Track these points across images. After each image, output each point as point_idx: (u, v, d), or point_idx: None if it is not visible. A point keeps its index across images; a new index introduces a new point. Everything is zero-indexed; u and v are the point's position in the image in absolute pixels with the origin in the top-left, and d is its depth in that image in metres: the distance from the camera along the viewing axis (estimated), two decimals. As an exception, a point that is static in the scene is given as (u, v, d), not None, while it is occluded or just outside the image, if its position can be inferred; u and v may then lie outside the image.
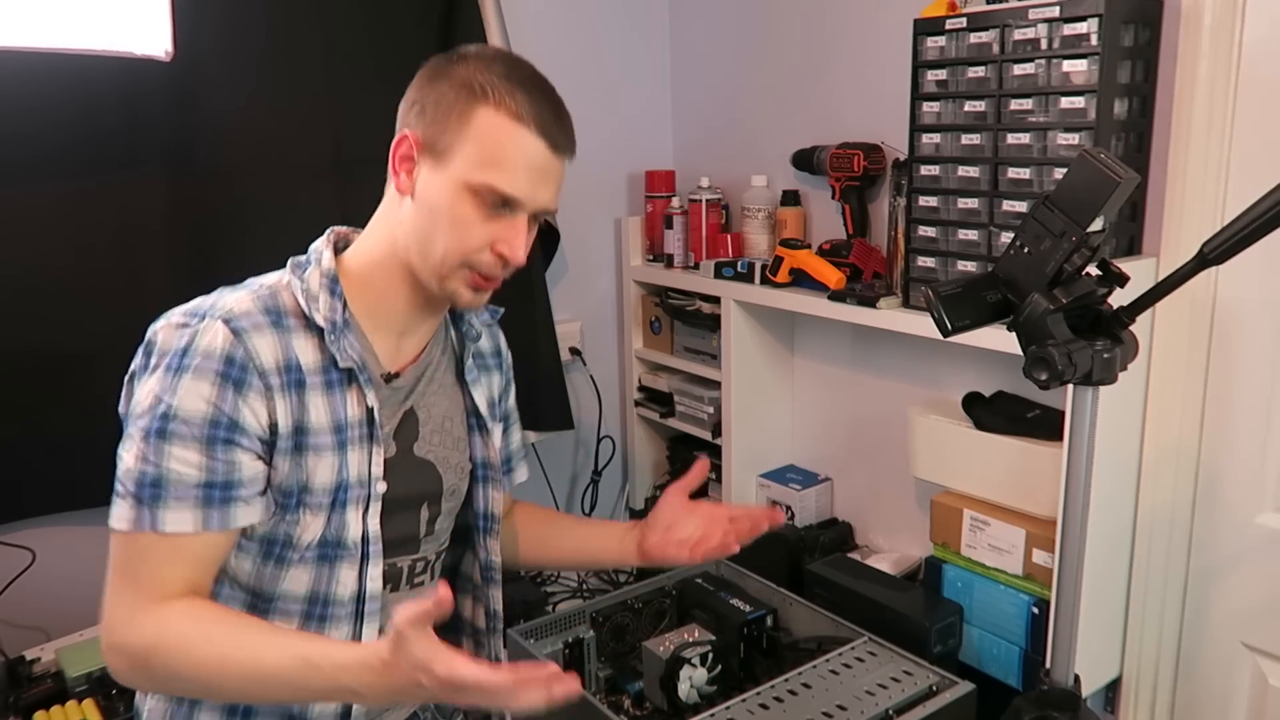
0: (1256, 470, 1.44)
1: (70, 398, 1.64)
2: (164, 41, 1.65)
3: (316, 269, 1.03)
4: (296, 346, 0.99)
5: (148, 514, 0.92)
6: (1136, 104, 1.43)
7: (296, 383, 0.98)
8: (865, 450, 1.99)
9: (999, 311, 1.05)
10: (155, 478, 0.92)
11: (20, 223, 1.57)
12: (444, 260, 1.00)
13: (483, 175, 0.98)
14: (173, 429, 0.92)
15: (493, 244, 1.00)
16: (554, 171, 1.03)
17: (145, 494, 0.92)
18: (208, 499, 0.94)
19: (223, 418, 0.93)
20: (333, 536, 1.02)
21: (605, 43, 2.24)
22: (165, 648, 0.91)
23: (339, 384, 1.01)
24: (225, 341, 0.94)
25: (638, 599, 1.73)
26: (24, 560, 1.64)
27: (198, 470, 0.93)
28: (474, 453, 1.18)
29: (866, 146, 1.80)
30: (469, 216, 0.99)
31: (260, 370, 0.95)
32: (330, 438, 1.00)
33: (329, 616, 1.03)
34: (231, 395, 0.94)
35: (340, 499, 1.01)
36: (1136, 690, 1.59)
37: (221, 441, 0.94)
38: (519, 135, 0.99)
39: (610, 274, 2.36)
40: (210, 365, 0.93)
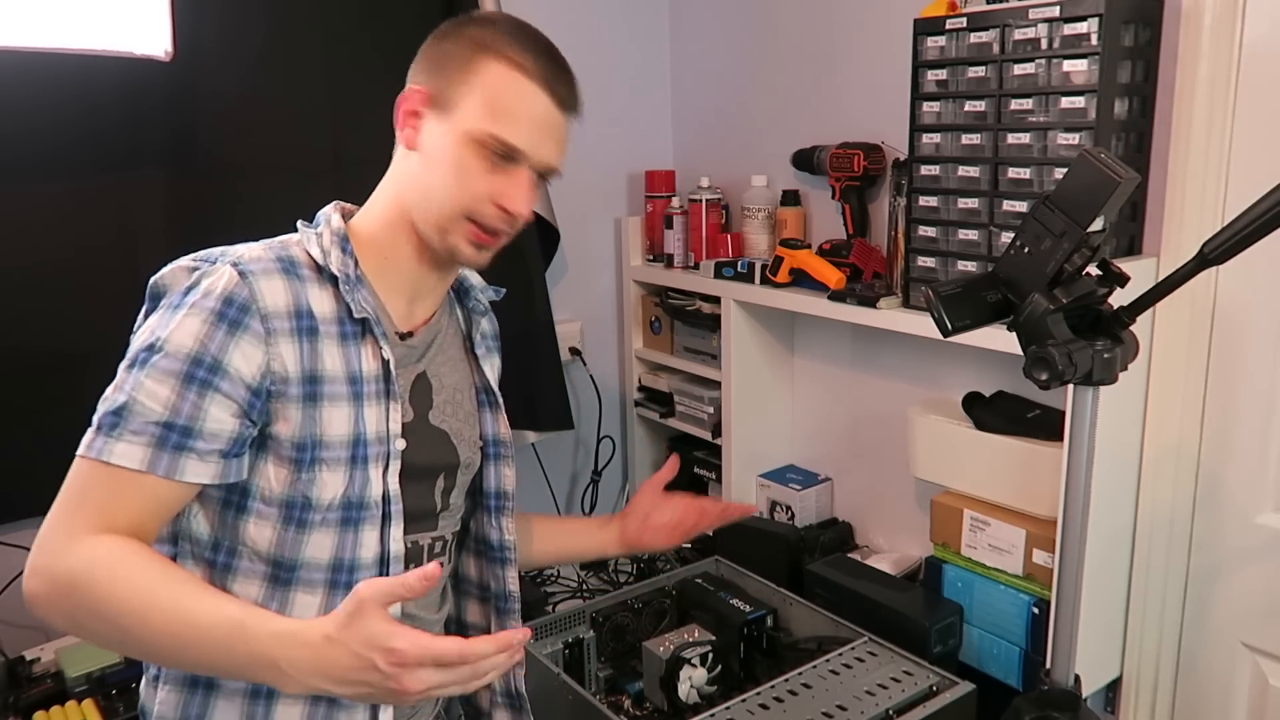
0: (1257, 470, 1.44)
1: (70, 397, 1.62)
2: (164, 41, 1.65)
3: (327, 228, 1.02)
4: (310, 295, 0.97)
5: (101, 443, 0.89)
6: (1136, 104, 1.43)
7: (309, 329, 0.96)
8: (865, 450, 1.99)
9: (999, 311, 1.05)
10: (119, 406, 0.90)
11: (21, 222, 1.57)
12: (444, 210, 1.00)
13: (486, 124, 0.98)
14: (153, 360, 0.90)
15: (495, 196, 1.00)
16: (558, 127, 1.04)
17: (106, 421, 0.90)
18: (162, 439, 0.89)
19: (206, 357, 0.90)
20: (355, 496, 0.99)
21: (605, 43, 2.24)
22: (90, 580, 0.85)
23: (353, 336, 0.99)
24: (230, 282, 0.92)
25: (638, 599, 1.73)
26: (24, 560, 1.63)
27: (162, 407, 0.89)
28: (484, 429, 1.17)
29: (866, 146, 1.80)
30: (471, 166, 0.99)
31: (263, 313, 0.93)
32: (345, 388, 0.98)
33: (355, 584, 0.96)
34: (222, 336, 0.91)
35: (360, 454, 0.99)
36: (1137, 690, 1.59)
37: (198, 382, 0.90)
38: (523, 87, 1.00)
39: (610, 274, 2.36)
40: (207, 303, 0.91)
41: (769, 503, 2.08)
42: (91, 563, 0.86)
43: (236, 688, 0.99)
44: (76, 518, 0.89)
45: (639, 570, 2.08)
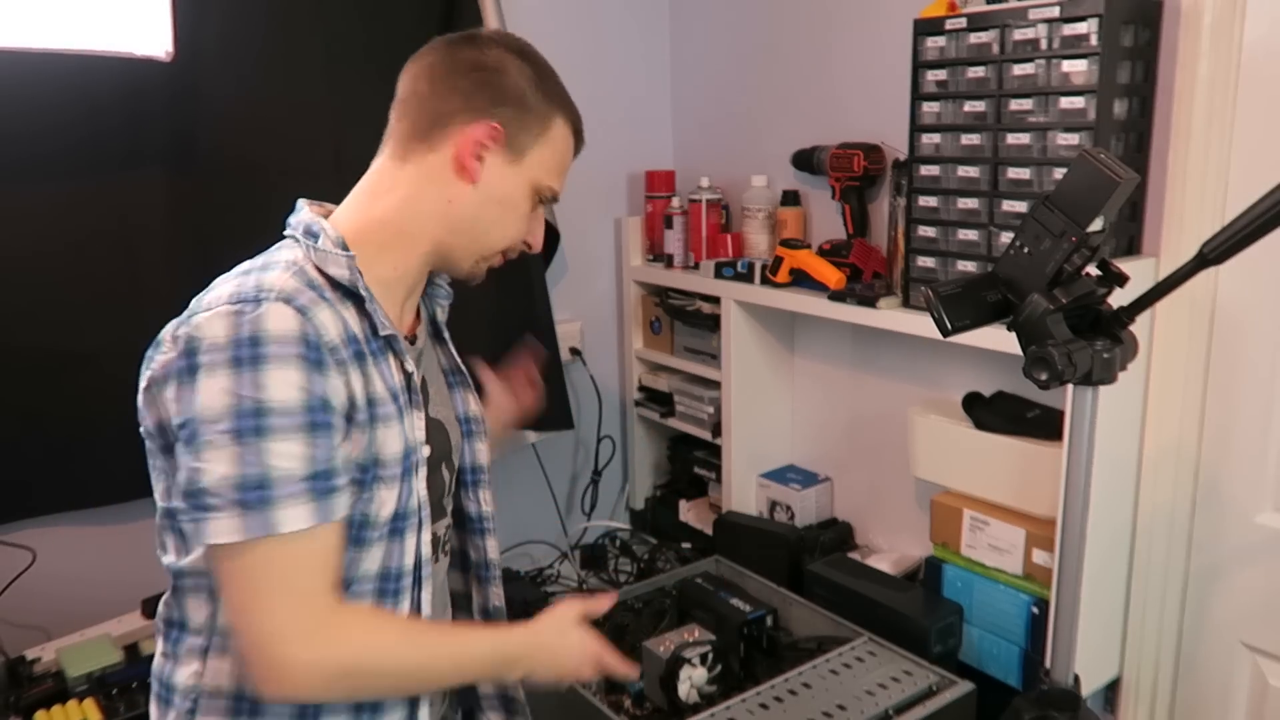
0: (1256, 470, 1.44)
1: (70, 397, 1.64)
2: (164, 42, 1.65)
3: (326, 239, 0.99)
4: (347, 318, 0.96)
5: (259, 519, 0.86)
6: (1136, 104, 1.44)
7: (357, 354, 0.95)
8: (865, 450, 1.99)
9: (999, 311, 1.05)
10: (260, 478, 0.86)
11: (21, 222, 1.57)
12: (494, 245, 1.07)
13: (550, 180, 1.08)
14: (270, 424, 0.86)
15: (526, 235, 1.10)
16: None
17: (252, 498, 0.86)
18: (315, 490, 0.88)
19: (316, 401, 0.89)
20: (403, 508, 0.99)
21: (605, 42, 2.24)
22: (369, 665, 0.94)
23: (382, 352, 0.99)
24: (296, 322, 0.88)
25: (638, 599, 1.73)
26: (24, 560, 1.64)
27: (302, 463, 0.87)
28: (458, 409, 1.19)
29: (866, 146, 1.80)
30: (524, 211, 1.07)
31: (330, 346, 0.91)
32: (393, 406, 0.98)
33: (400, 590, 1.01)
34: (318, 377, 0.89)
35: (407, 467, 1.00)
36: (1136, 690, 1.59)
37: (321, 427, 0.89)
38: (571, 146, 1.11)
39: (610, 274, 2.36)
40: (290, 350, 0.87)
41: (769, 503, 2.08)
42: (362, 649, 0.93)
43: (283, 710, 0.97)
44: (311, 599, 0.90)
45: (639, 570, 2.08)
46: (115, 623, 1.66)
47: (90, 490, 1.68)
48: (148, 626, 1.65)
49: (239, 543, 0.86)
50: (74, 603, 1.68)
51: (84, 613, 1.66)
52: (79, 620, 1.65)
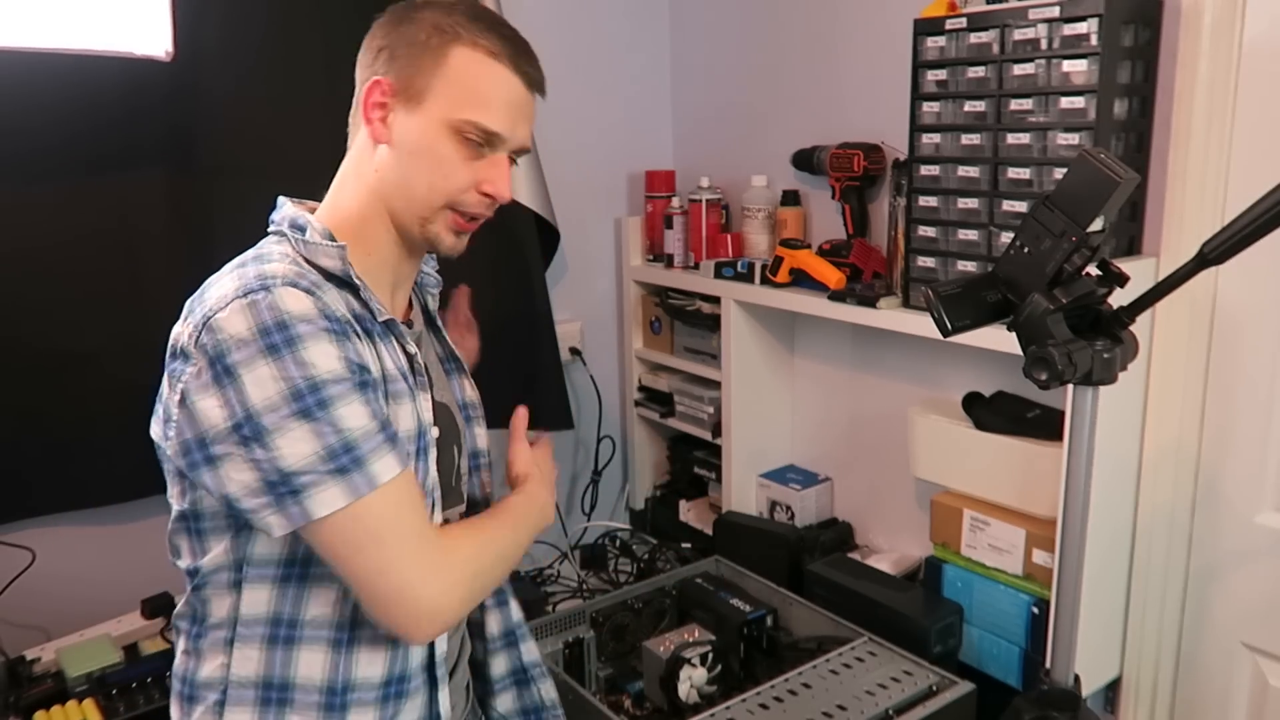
0: (1256, 470, 1.44)
1: (70, 397, 1.64)
2: (164, 41, 1.65)
3: (314, 233, 0.99)
4: (346, 300, 0.97)
5: (360, 478, 0.88)
6: (1136, 104, 1.43)
7: (366, 331, 0.97)
8: (865, 450, 1.99)
9: (999, 311, 1.05)
10: (344, 444, 0.87)
11: (21, 222, 1.57)
12: (428, 202, 1.00)
13: (465, 113, 0.98)
14: (329, 394, 0.87)
15: (478, 184, 1.00)
16: (529, 108, 1.03)
17: (344, 462, 0.87)
18: (390, 440, 0.91)
19: (354, 366, 0.90)
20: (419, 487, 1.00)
21: (605, 43, 2.24)
22: (487, 557, 0.99)
23: (383, 335, 1.00)
24: (310, 301, 0.89)
25: (638, 599, 1.73)
26: (24, 560, 1.64)
27: (369, 420, 0.89)
28: (456, 395, 1.19)
29: (866, 146, 1.80)
30: (451, 156, 0.99)
31: (344, 320, 0.93)
32: (403, 384, 0.99)
33: None
34: (349, 344, 0.91)
35: (422, 446, 1.01)
36: (1136, 690, 1.59)
37: (370, 386, 0.92)
38: (496, 71, 0.99)
39: (610, 274, 2.36)
40: (316, 326, 0.88)
41: (769, 503, 2.08)
42: (475, 555, 0.98)
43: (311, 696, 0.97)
44: (424, 537, 0.93)
45: (639, 570, 2.08)
46: (115, 623, 1.66)
47: (90, 490, 1.68)
48: (148, 627, 1.65)
49: (346, 508, 0.87)
50: (74, 603, 1.68)
51: (84, 613, 1.66)
52: (79, 620, 1.65)
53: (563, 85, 2.19)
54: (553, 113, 2.10)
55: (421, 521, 0.93)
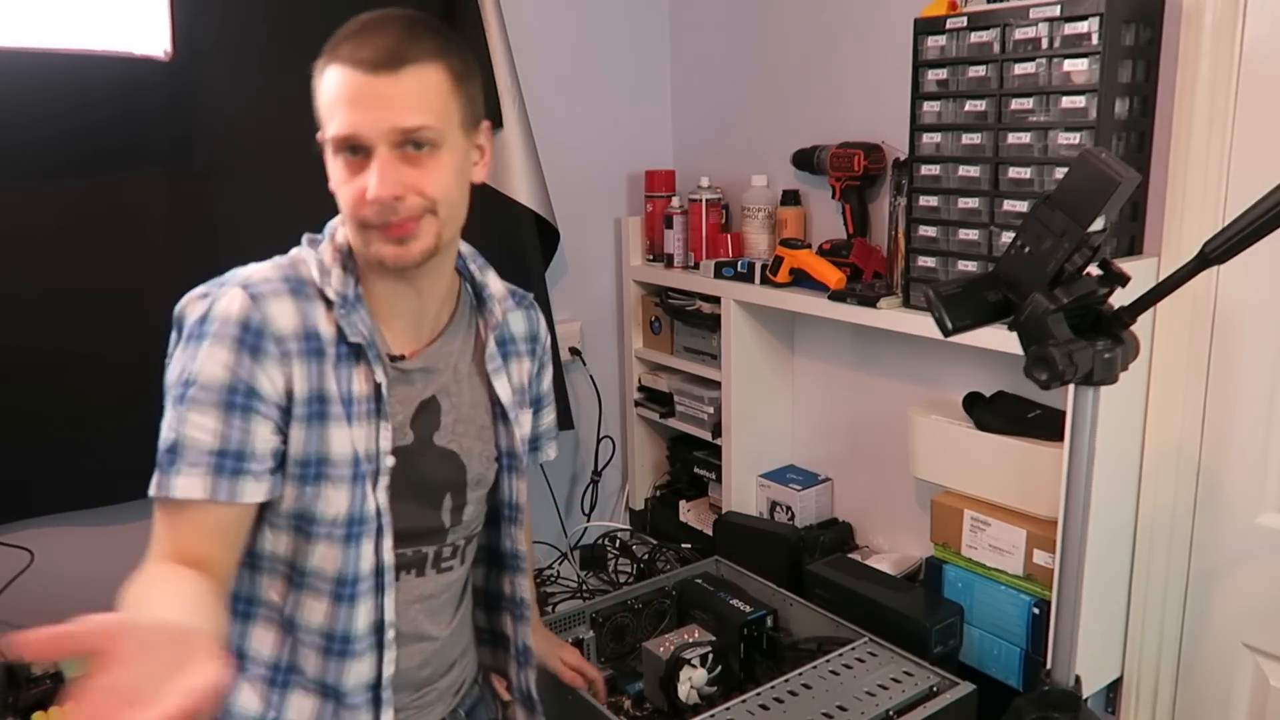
0: (1257, 471, 1.44)
1: (69, 398, 1.63)
2: (163, 41, 1.65)
3: (330, 244, 1.02)
4: (316, 316, 0.99)
5: (165, 480, 0.93)
6: (1137, 104, 1.43)
7: (316, 351, 0.98)
8: (865, 450, 1.99)
9: (999, 311, 1.05)
10: (173, 443, 0.93)
11: (20, 222, 1.57)
12: (351, 225, 0.99)
13: (327, 133, 0.96)
14: (192, 394, 0.93)
15: (365, 193, 0.95)
16: (383, 90, 0.93)
17: (164, 460, 0.93)
18: (219, 467, 0.93)
19: (240, 384, 0.93)
20: (357, 512, 1.01)
21: (605, 42, 2.24)
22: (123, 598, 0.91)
23: (347, 358, 1.01)
24: (242, 307, 0.94)
25: (638, 599, 1.73)
26: (23, 560, 1.64)
27: (213, 437, 0.93)
28: (499, 442, 1.17)
29: (867, 146, 1.80)
30: (341, 175, 0.97)
31: (276, 336, 0.95)
32: (342, 409, 1.00)
33: (357, 595, 1.04)
34: (248, 361, 0.94)
35: (359, 472, 1.01)
36: (1137, 691, 1.59)
37: (239, 409, 0.94)
38: (330, 76, 0.96)
39: (610, 274, 2.35)
40: (228, 331, 0.93)
41: (769, 503, 2.08)
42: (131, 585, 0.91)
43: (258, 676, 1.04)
44: (150, 551, 0.94)
45: (639, 570, 2.08)
46: (114, 623, 1.65)
47: (89, 490, 1.68)
48: (147, 627, 1.65)
49: (151, 496, 0.94)
50: (73, 603, 1.66)
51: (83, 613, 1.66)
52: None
53: (563, 85, 2.22)
54: (553, 113, 2.13)
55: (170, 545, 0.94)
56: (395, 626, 1.06)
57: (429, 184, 0.96)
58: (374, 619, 1.05)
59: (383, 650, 1.06)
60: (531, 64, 2.02)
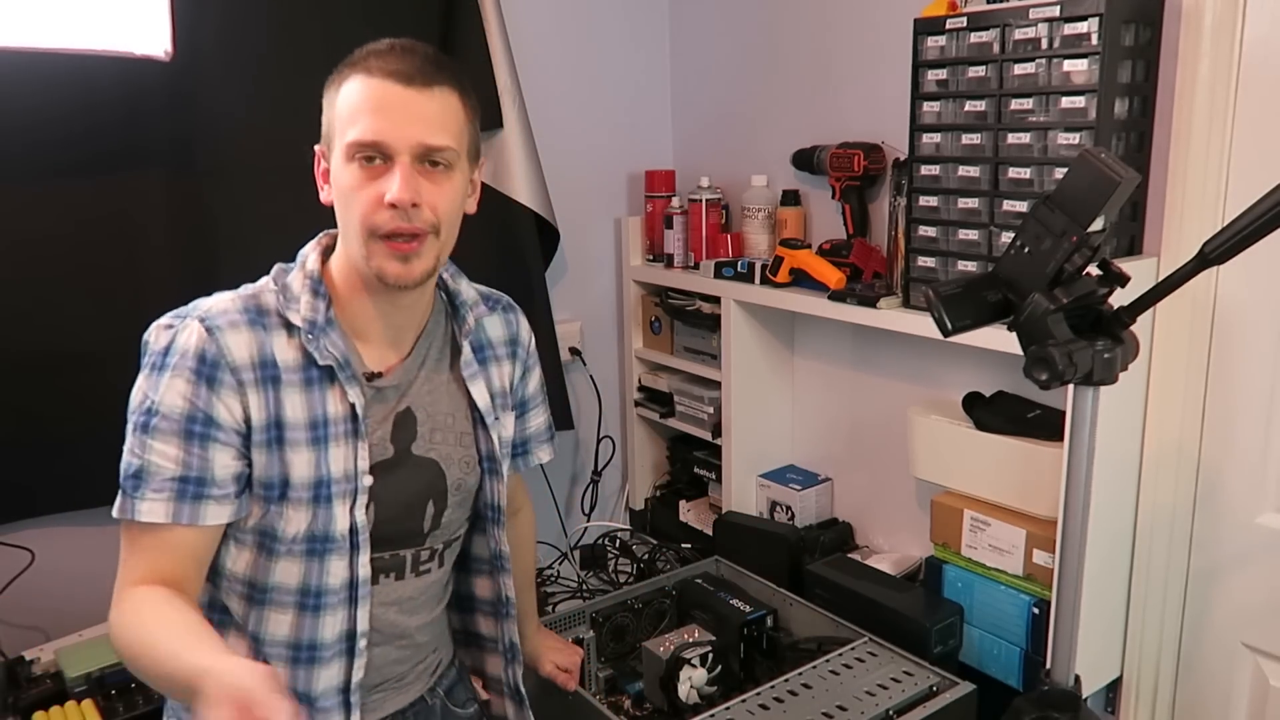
0: (1257, 470, 1.44)
1: (69, 398, 1.63)
2: (163, 41, 1.65)
3: (300, 272, 1.06)
4: (275, 344, 1.02)
5: (129, 504, 0.98)
6: (1137, 104, 1.43)
7: (271, 379, 1.01)
8: (865, 450, 1.99)
9: (999, 311, 1.05)
10: (138, 469, 0.98)
11: (20, 222, 1.57)
12: (356, 234, 1.01)
13: (347, 137, 0.99)
14: (154, 424, 0.97)
15: (381, 199, 0.98)
16: (415, 105, 0.98)
17: (129, 485, 0.98)
18: (181, 493, 0.98)
19: (198, 414, 0.98)
20: (320, 531, 1.04)
21: (605, 42, 2.24)
22: (121, 627, 0.96)
23: (319, 381, 1.04)
24: (199, 340, 0.99)
25: (638, 599, 1.73)
26: (23, 560, 1.64)
27: (174, 465, 0.98)
28: (479, 446, 1.19)
29: (866, 146, 1.80)
30: (355, 181, 0.99)
31: (232, 366, 0.99)
32: (305, 433, 1.03)
33: (323, 606, 1.06)
34: (205, 391, 0.98)
35: (324, 494, 1.04)
36: (1137, 690, 1.59)
37: (198, 437, 0.98)
38: (358, 85, 0.99)
39: (610, 274, 2.35)
40: (185, 363, 0.98)
41: (769, 503, 2.08)
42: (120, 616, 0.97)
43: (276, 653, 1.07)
44: (125, 575, 0.99)
45: (639, 570, 2.08)
46: (114, 623, 1.66)
47: (89, 490, 1.68)
48: (147, 627, 1.65)
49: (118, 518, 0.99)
50: (73, 603, 1.67)
51: (83, 613, 1.66)
52: (78, 620, 1.65)
53: (563, 85, 2.22)
54: (553, 113, 2.13)
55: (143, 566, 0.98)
56: (368, 635, 1.09)
57: (441, 201, 1.01)
58: (345, 628, 1.08)
59: (353, 657, 1.08)
60: (531, 64, 2.02)
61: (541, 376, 1.32)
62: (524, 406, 1.29)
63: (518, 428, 1.28)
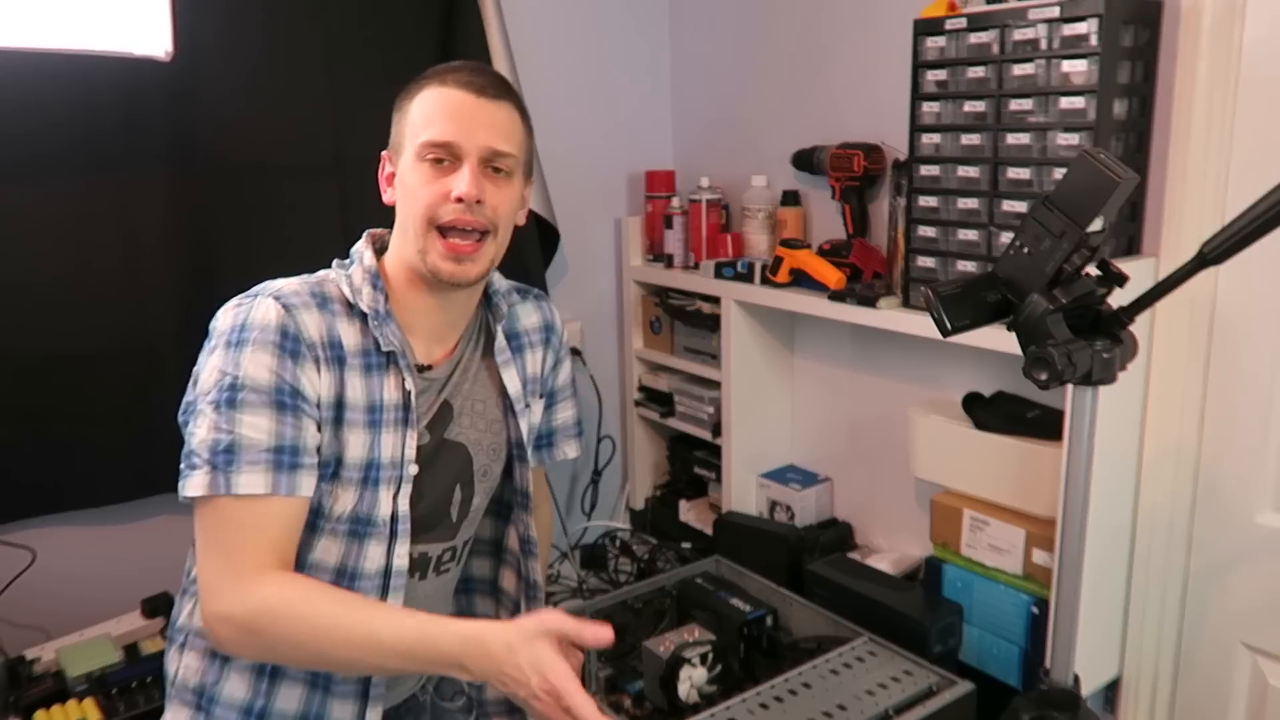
0: (1256, 470, 1.44)
1: (71, 397, 1.64)
2: (164, 42, 1.65)
3: (359, 266, 1.10)
4: (340, 328, 1.05)
5: (223, 478, 0.97)
6: (1136, 104, 1.43)
7: (338, 359, 1.04)
8: (865, 450, 1.99)
9: (999, 311, 1.05)
10: (229, 444, 0.97)
11: (20, 223, 1.57)
12: (416, 229, 1.07)
13: (419, 138, 1.06)
14: (242, 398, 0.98)
15: (447, 195, 1.05)
16: (484, 113, 1.07)
17: (220, 460, 0.97)
18: (278, 463, 0.99)
19: (285, 385, 1.00)
20: (364, 513, 1.07)
21: (605, 43, 2.24)
22: (277, 616, 0.95)
23: (378, 368, 1.07)
24: (278, 316, 1.01)
25: (638, 599, 1.73)
26: (24, 560, 1.64)
27: (268, 435, 0.98)
28: (509, 433, 1.23)
29: (866, 146, 1.80)
30: (423, 179, 1.06)
31: (309, 343, 1.02)
32: (363, 415, 1.06)
33: (355, 589, 1.08)
34: (291, 365, 1.00)
35: (372, 476, 1.06)
36: (1136, 690, 1.59)
37: (290, 408, 1.00)
38: (435, 93, 1.08)
39: (610, 274, 2.36)
40: (268, 337, 1.00)
41: (769, 503, 2.08)
42: (276, 601, 0.96)
43: (246, 665, 1.07)
44: (229, 559, 0.97)
45: (639, 570, 2.08)
46: (115, 623, 1.66)
47: (90, 490, 1.68)
48: (147, 626, 1.65)
49: (205, 499, 0.97)
50: (73, 602, 1.68)
51: (84, 612, 1.66)
52: (79, 620, 1.65)
53: (563, 85, 2.22)
54: (553, 113, 2.13)
55: (250, 545, 0.97)
56: None
57: (502, 203, 1.08)
58: None
59: None
60: (531, 64, 2.03)
61: (571, 370, 1.37)
62: (553, 398, 1.34)
63: (545, 419, 1.33)
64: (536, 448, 1.32)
